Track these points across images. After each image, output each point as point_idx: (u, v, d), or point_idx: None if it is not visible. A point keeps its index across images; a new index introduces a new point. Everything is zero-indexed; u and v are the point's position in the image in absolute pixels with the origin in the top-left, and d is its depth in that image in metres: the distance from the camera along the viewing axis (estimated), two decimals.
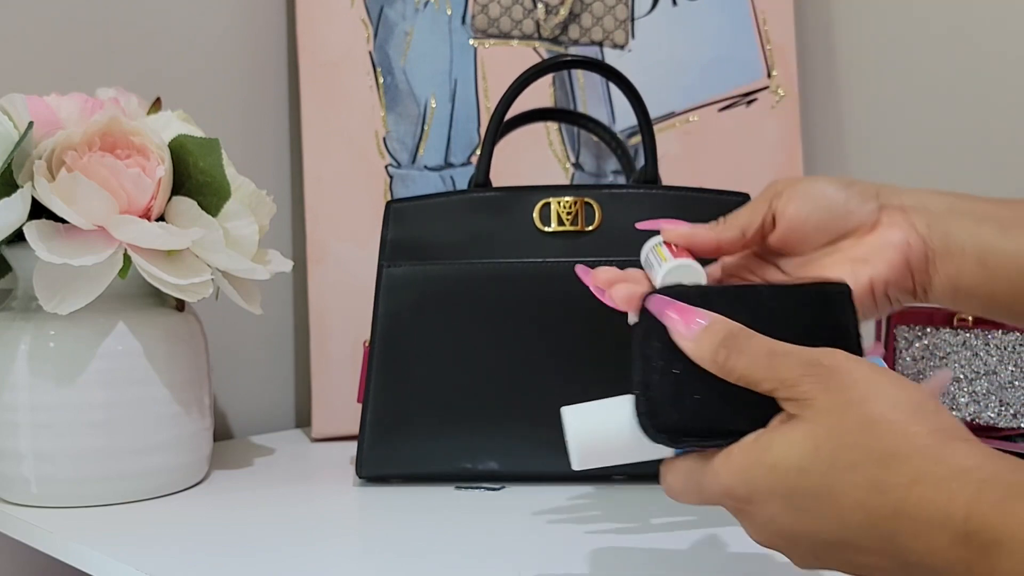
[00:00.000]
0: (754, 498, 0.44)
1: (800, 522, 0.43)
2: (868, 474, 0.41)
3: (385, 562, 0.61)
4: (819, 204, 0.54)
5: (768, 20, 0.98)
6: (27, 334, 0.70)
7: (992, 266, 0.52)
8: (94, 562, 0.62)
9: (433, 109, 0.94)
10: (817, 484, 0.42)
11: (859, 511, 0.41)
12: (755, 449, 0.44)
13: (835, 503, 0.41)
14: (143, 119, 0.73)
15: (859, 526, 0.41)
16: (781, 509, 0.43)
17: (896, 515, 0.40)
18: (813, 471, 0.42)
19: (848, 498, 0.41)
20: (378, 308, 0.74)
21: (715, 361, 0.45)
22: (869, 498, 0.40)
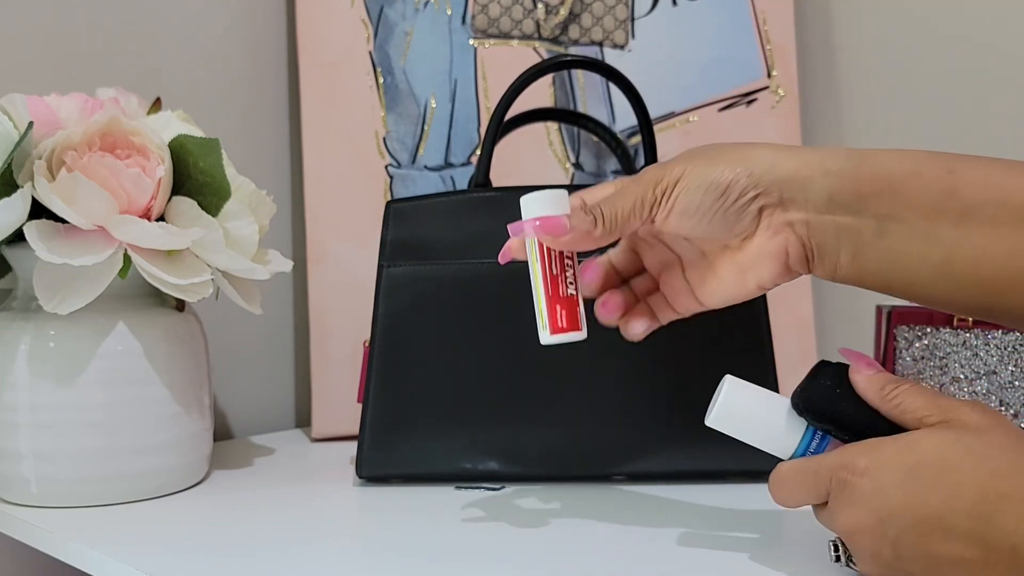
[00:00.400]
0: (872, 468, 0.48)
1: (910, 493, 0.46)
2: (993, 463, 0.46)
3: (385, 562, 0.61)
4: (698, 222, 0.54)
5: (768, 20, 0.98)
6: (27, 334, 0.70)
7: (864, 263, 0.53)
8: (94, 562, 0.62)
9: (433, 109, 0.94)
10: (946, 460, 0.46)
11: (973, 487, 0.45)
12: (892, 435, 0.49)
13: (954, 478, 0.46)
14: (143, 119, 0.73)
15: (965, 503, 0.45)
16: (897, 479, 0.47)
17: (1002, 498, 0.45)
18: (948, 451, 0.47)
19: (968, 476, 0.46)
20: (378, 308, 0.74)
21: (881, 391, 0.51)
22: (987, 480, 0.45)
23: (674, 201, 0.54)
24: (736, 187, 0.53)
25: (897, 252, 0.52)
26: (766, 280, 0.55)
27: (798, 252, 0.54)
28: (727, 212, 0.53)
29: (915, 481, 0.46)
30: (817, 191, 0.53)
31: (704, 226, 0.54)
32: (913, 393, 0.50)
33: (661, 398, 0.72)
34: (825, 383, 0.54)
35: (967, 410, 0.48)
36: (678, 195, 0.54)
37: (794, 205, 0.53)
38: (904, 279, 0.53)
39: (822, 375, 0.54)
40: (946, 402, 0.49)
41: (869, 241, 0.53)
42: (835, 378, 0.54)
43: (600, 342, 0.72)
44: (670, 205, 0.54)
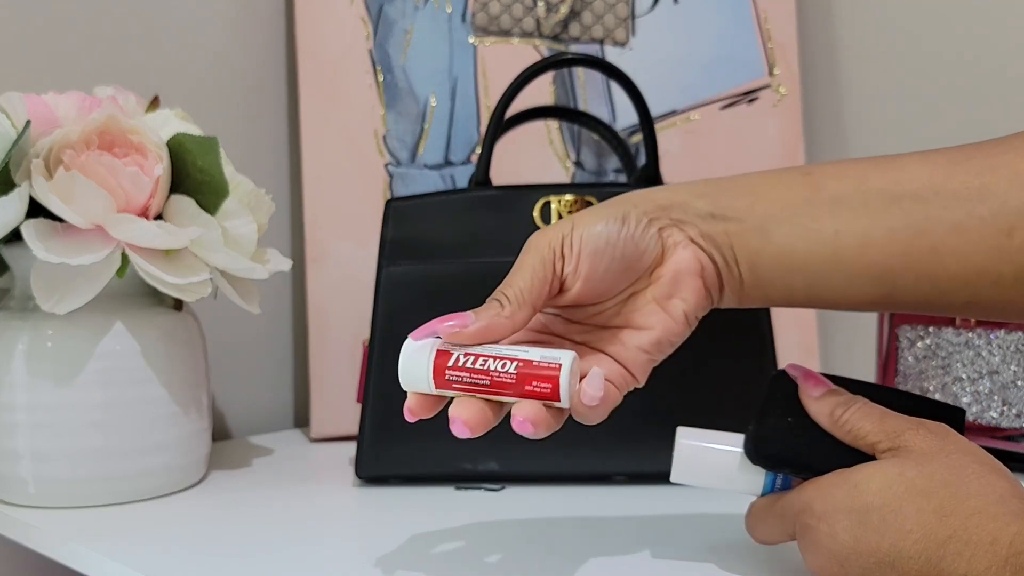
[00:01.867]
0: (827, 513, 0.49)
1: (860, 539, 0.47)
2: (937, 502, 0.46)
3: (385, 562, 0.61)
4: (612, 256, 0.52)
5: (770, 18, 0.97)
6: (24, 334, 0.69)
7: (761, 271, 0.53)
8: (92, 563, 0.62)
9: (433, 107, 0.93)
10: (889, 503, 0.47)
11: (918, 532, 0.46)
12: (843, 473, 0.49)
13: (899, 522, 0.46)
14: (141, 117, 0.73)
15: (913, 547, 0.46)
16: (847, 524, 0.48)
17: (948, 540, 0.45)
18: (890, 492, 0.47)
19: (912, 520, 0.46)
20: (378, 308, 0.74)
21: (831, 416, 0.52)
22: (930, 521, 0.46)
23: (580, 247, 0.52)
24: (631, 216, 0.53)
25: (786, 252, 0.52)
26: (690, 303, 0.53)
27: (708, 265, 0.53)
28: (632, 237, 0.53)
29: (864, 527, 0.47)
30: (697, 208, 0.53)
31: (617, 261, 0.52)
32: (861, 416, 0.51)
33: (661, 398, 0.72)
34: (775, 419, 0.53)
35: (913, 435, 0.49)
36: (581, 240, 0.52)
37: (684, 223, 0.53)
38: (802, 282, 0.53)
39: (772, 406, 0.54)
40: (893, 424, 0.50)
41: (758, 247, 0.53)
42: (786, 404, 0.54)
43: None
44: (576, 253, 0.52)
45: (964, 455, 0.48)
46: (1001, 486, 0.47)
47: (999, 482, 0.47)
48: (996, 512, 0.45)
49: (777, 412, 0.54)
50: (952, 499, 0.46)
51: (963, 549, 0.45)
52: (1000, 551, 0.44)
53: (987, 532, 0.44)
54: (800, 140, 0.97)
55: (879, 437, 0.50)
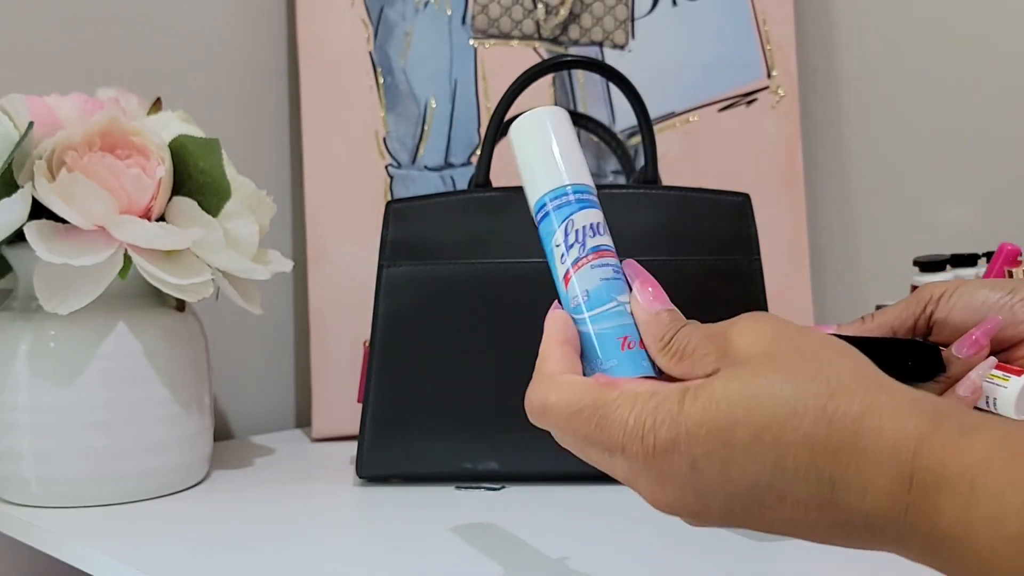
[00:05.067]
0: (679, 442, 0.39)
1: (728, 466, 0.38)
2: (815, 403, 0.37)
3: (385, 562, 0.61)
4: (980, 310, 0.51)
5: (768, 20, 0.98)
6: (27, 334, 0.70)
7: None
8: (94, 562, 0.62)
9: (433, 109, 0.94)
10: (760, 414, 0.37)
11: (801, 447, 0.37)
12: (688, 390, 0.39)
13: (776, 437, 0.37)
14: (143, 119, 0.73)
15: (795, 468, 0.37)
16: (711, 451, 0.38)
17: (840, 450, 0.36)
18: (755, 400, 0.38)
19: (791, 432, 0.37)
20: (378, 308, 0.74)
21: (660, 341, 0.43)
22: (814, 430, 0.37)
23: (959, 298, 0.51)
24: (1019, 291, 0.51)
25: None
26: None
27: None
28: (1013, 308, 0.51)
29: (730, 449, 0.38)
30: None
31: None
32: (688, 333, 0.42)
33: None
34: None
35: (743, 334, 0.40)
36: (962, 293, 0.52)
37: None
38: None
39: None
40: (720, 326, 0.42)
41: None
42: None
43: None
44: (953, 301, 0.51)
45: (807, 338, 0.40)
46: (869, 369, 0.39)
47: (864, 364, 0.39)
48: (888, 406, 0.37)
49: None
50: (830, 396, 0.37)
51: (859, 460, 0.36)
52: (903, 464, 0.35)
53: (885, 438, 0.36)
54: (798, 141, 0.97)
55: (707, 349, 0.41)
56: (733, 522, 0.40)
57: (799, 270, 0.96)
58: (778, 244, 0.94)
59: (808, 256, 0.97)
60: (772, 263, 0.84)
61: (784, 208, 0.96)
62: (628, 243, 0.73)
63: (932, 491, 0.35)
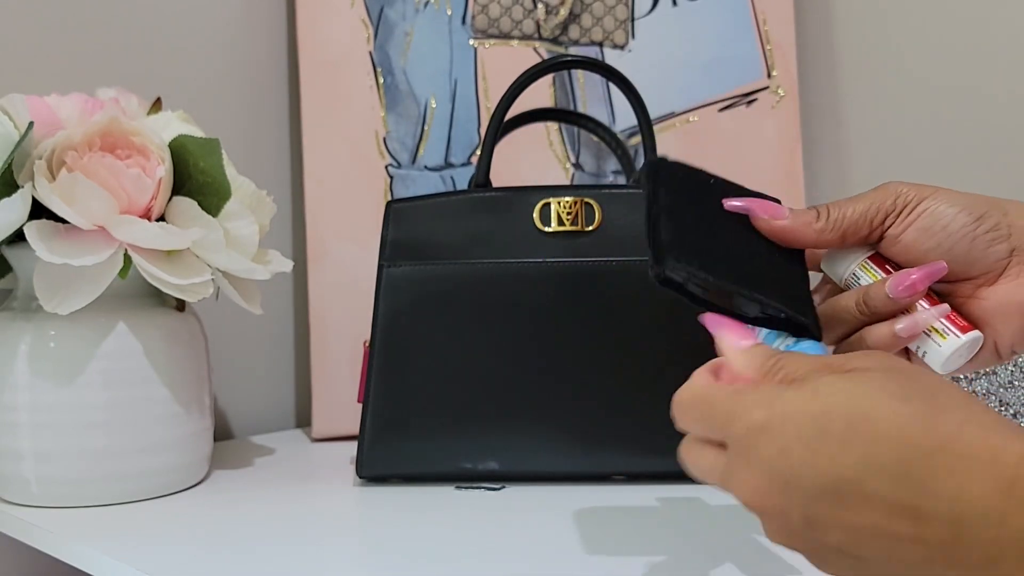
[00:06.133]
0: (773, 420, 0.38)
1: (817, 451, 0.37)
2: (918, 407, 0.36)
3: (385, 562, 0.61)
4: (940, 243, 0.49)
5: (768, 20, 0.98)
6: (27, 334, 0.70)
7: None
8: (94, 562, 0.62)
9: (433, 109, 0.94)
10: (858, 408, 0.37)
11: (896, 441, 0.35)
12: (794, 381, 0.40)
13: (871, 429, 0.36)
14: (143, 119, 0.73)
15: (888, 458, 0.35)
16: (802, 433, 0.37)
17: (937, 451, 0.35)
18: (858, 396, 0.37)
19: (886, 424, 0.36)
20: (378, 308, 0.74)
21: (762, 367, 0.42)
22: (912, 428, 0.36)
23: (919, 215, 0.49)
24: (989, 219, 0.49)
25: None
26: (1005, 339, 0.49)
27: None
28: (974, 240, 0.48)
29: (822, 435, 0.37)
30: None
31: (943, 251, 0.49)
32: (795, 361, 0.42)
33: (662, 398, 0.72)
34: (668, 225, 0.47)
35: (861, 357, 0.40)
36: (925, 210, 0.49)
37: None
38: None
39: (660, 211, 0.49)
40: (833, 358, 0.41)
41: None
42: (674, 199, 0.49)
43: (600, 341, 0.72)
44: (912, 218, 0.49)
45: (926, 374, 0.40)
46: (981, 402, 0.38)
47: (975, 398, 0.38)
48: (992, 423, 0.36)
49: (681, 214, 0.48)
50: (936, 406, 0.36)
51: (956, 464, 0.34)
52: (1004, 471, 0.34)
53: (986, 446, 0.34)
54: (798, 141, 0.97)
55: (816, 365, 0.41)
56: (813, 532, 0.38)
57: None
58: None
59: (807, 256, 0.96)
60: None
61: None
62: (628, 243, 0.73)
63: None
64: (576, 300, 0.73)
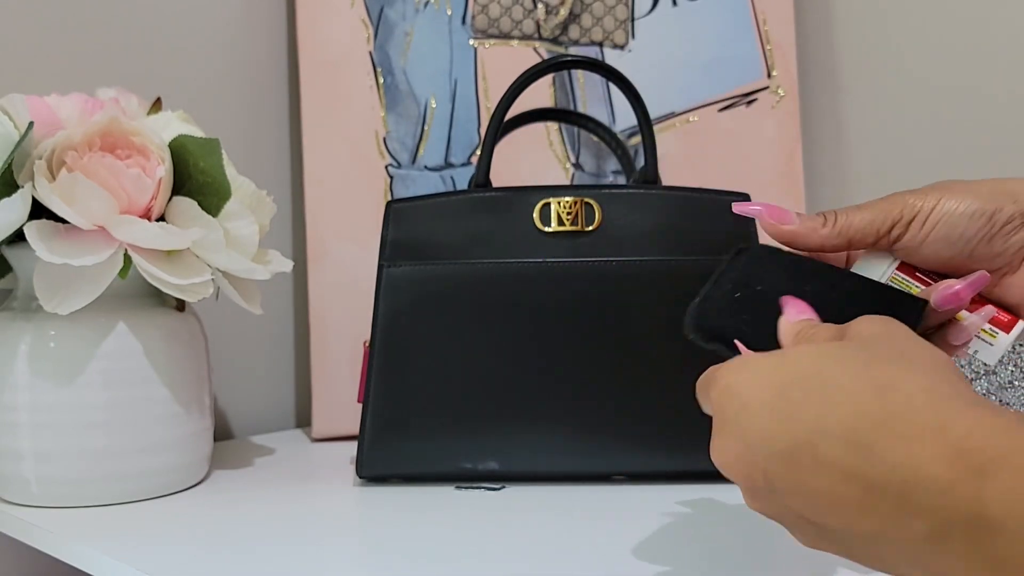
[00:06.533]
0: (743, 384, 0.40)
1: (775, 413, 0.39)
2: (877, 374, 0.37)
3: (385, 562, 0.61)
4: (961, 249, 0.50)
5: (768, 20, 0.98)
6: (27, 334, 0.70)
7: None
8: (94, 562, 0.62)
9: (433, 109, 0.94)
10: (817, 372, 0.38)
11: (848, 405, 0.37)
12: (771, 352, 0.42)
13: (826, 394, 0.38)
14: (143, 119, 0.73)
15: (839, 424, 0.37)
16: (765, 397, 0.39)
17: (888, 419, 0.36)
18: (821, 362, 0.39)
19: (843, 391, 0.37)
20: (378, 308, 0.74)
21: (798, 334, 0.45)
22: (866, 394, 0.37)
23: (933, 225, 0.50)
24: (1001, 215, 0.50)
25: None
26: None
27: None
28: (993, 239, 0.49)
29: (784, 400, 0.38)
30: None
31: (963, 258, 0.50)
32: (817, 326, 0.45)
33: (662, 398, 0.72)
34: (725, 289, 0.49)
35: (862, 322, 0.42)
36: (939, 219, 0.50)
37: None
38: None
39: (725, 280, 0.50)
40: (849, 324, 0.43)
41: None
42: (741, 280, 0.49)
43: (600, 341, 0.72)
44: (926, 231, 0.50)
45: (911, 339, 0.41)
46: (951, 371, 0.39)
47: (948, 367, 0.39)
48: (947, 393, 0.36)
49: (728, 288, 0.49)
50: (895, 374, 0.37)
51: (905, 430, 0.35)
52: (951, 441, 0.34)
53: (936, 415, 0.35)
54: (798, 141, 0.98)
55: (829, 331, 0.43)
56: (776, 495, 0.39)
57: None
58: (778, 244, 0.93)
59: None
60: None
61: None
62: (628, 243, 0.73)
63: (979, 472, 0.33)
64: (576, 300, 0.73)
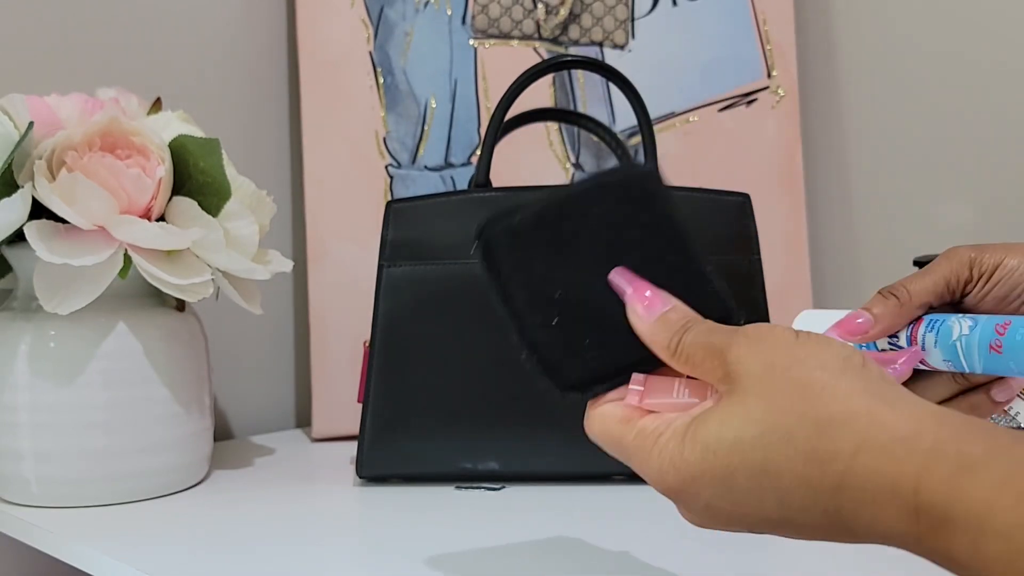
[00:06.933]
0: (687, 487, 0.41)
1: (739, 505, 0.40)
2: (806, 445, 0.38)
3: (385, 562, 0.61)
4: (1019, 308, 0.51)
5: (768, 20, 0.98)
6: (27, 334, 0.70)
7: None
8: (94, 562, 0.62)
9: (433, 109, 0.94)
10: (754, 461, 0.39)
11: (800, 488, 0.38)
12: (687, 432, 0.41)
13: (774, 481, 0.38)
14: (143, 119, 0.73)
15: (801, 505, 0.38)
16: (718, 493, 0.40)
17: (839, 488, 0.37)
18: (748, 446, 0.39)
19: (788, 475, 0.38)
20: (378, 308, 0.74)
21: (668, 347, 0.43)
22: (809, 471, 0.38)
23: (995, 284, 0.51)
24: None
25: None
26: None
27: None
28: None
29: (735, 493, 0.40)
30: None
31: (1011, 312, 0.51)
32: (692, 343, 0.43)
33: None
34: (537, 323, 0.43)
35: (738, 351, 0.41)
36: (1000, 279, 0.51)
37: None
38: None
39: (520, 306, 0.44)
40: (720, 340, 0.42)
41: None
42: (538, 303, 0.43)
43: None
44: (988, 287, 0.51)
45: (800, 363, 0.40)
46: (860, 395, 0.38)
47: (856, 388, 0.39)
48: (881, 442, 0.36)
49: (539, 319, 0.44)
50: (822, 438, 0.37)
51: (861, 497, 0.36)
52: (906, 500, 0.35)
53: (883, 478, 0.36)
54: (798, 141, 0.98)
55: (712, 364, 0.42)
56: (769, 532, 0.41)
57: (799, 270, 0.96)
58: (778, 244, 0.94)
59: (808, 256, 0.97)
60: (772, 263, 0.84)
61: (784, 208, 0.96)
62: None
63: (940, 528, 0.34)
64: None
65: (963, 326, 0.48)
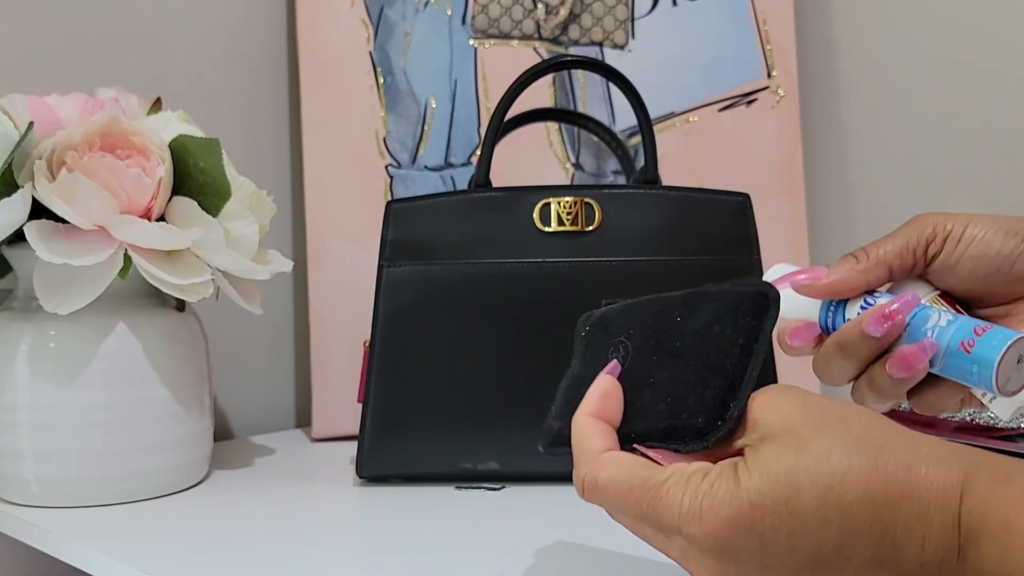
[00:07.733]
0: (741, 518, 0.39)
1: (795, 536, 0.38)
2: (868, 459, 0.38)
3: (385, 562, 0.61)
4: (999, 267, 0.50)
5: (768, 20, 0.98)
6: (27, 334, 0.70)
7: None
8: (94, 562, 0.62)
9: (433, 109, 0.94)
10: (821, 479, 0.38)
11: (865, 503, 0.37)
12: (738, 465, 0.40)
13: (842, 499, 0.38)
14: (143, 119, 0.73)
15: (863, 523, 0.37)
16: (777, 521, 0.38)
17: (899, 501, 0.37)
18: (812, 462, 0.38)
19: (853, 490, 0.38)
20: (378, 308, 0.74)
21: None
22: (873, 486, 0.37)
23: (968, 244, 0.50)
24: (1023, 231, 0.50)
25: None
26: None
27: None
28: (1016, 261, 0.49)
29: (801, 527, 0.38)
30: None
31: (1002, 275, 0.50)
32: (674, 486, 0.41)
33: None
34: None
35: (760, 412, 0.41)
36: (972, 238, 0.50)
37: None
38: None
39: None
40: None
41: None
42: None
43: None
44: (961, 250, 0.50)
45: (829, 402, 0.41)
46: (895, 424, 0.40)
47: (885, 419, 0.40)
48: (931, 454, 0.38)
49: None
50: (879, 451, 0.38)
51: (917, 510, 0.37)
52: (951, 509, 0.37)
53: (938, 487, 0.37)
54: (798, 141, 0.98)
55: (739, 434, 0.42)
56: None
57: None
58: (778, 244, 0.94)
59: (808, 256, 0.97)
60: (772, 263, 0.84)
61: (784, 208, 0.96)
62: (628, 243, 0.74)
63: (976, 534, 0.36)
64: (576, 300, 0.72)
65: (942, 318, 0.48)
